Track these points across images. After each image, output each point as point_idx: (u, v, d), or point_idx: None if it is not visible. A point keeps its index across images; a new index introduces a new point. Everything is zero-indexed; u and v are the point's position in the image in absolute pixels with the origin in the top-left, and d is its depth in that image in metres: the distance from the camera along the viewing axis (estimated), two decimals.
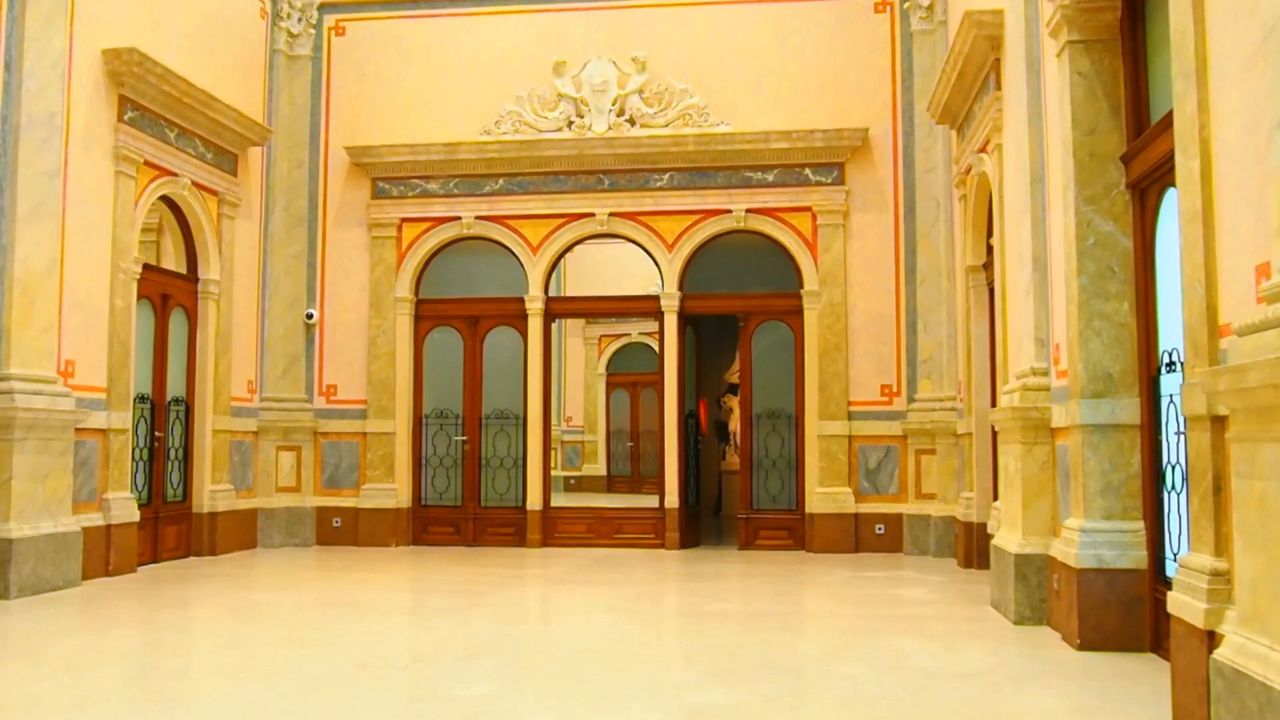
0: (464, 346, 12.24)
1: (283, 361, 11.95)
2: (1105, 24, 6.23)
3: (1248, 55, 3.93)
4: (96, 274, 9.20)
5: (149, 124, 9.85)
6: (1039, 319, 7.13)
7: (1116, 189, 6.19)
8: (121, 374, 9.42)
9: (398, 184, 12.08)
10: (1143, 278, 6.03)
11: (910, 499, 11.24)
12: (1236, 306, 4.05)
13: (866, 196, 11.54)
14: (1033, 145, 7.21)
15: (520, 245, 11.97)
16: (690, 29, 11.88)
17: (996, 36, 8.15)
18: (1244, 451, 3.62)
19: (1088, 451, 6.08)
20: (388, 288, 12.03)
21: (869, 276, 11.50)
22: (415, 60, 12.22)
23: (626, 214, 11.84)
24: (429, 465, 12.17)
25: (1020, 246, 7.45)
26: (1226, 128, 4.18)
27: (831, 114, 11.55)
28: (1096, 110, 6.26)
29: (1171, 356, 5.55)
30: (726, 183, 11.65)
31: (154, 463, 10.25)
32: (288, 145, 12.11)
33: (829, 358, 11.40)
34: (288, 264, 12.03)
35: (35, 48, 8.28)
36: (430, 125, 12.07)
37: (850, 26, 11.67)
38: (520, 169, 11.88)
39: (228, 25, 11.30)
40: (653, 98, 11.78)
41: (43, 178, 8.31)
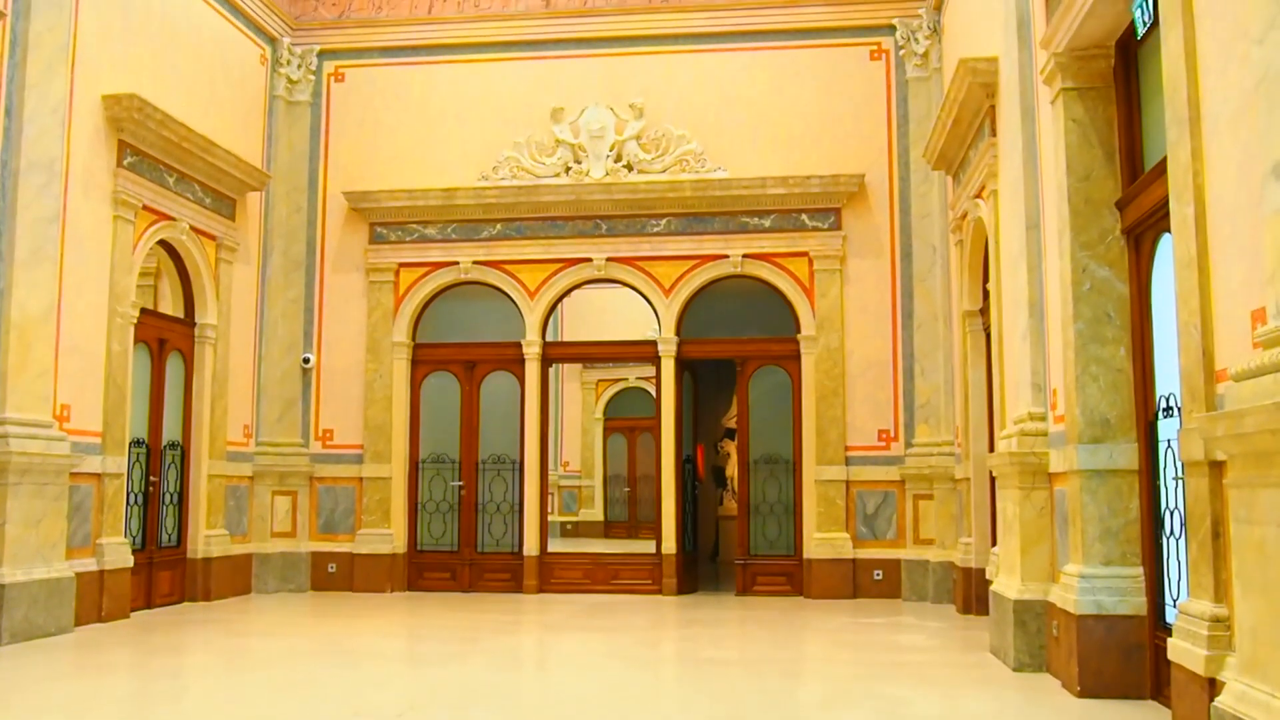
0: (461, 391, 12.23)
1: (279, 406, 11.93)
2: (1099, 72, 6.28)
3: (1240, 103, 3.96)
4: (93, 318, 9.20)
5: (148, 169, 9.89)
6: (1036, 364, 7.13)
7: (1112, 235, 6.21)
8: (117, 418, 9.40)
9: (395, 229, 12.12)
10: (1139, 323, 6.05)
11: (908, 544, 11.19)
12: (1233, 352, 4.06)
13: (863, 242, 11.58)
14: (1028, 191, 7.24)
15: (517, 290, 11.99)
16: (687, 76, 11.97)
17: (991, 84, 8.22)
18: (1242, 497, 3.61)
19: (1086, 497, 6.06)
20: (385, 332, 12.04)
21: (866, 321, 11.51)
22: (414, 106, 12.30)
23: (624, 259, 11.87)
24: (425, 510, 12.11)
25: (1016, 292, 7.46)
26: (1220, 174, 4.20)
27: (828, 160, 11.62)
28: (1091, 157, 6.30)
29: (1169, 401, 5.55)
30: (723, 228, 11.70)
31: (149, 507, 10.20)
32: (286, 190, 12.15)
33: (826, 403, 11.39)
34: (285, 308, 12.04)
35: (36, 93, 8.33)
36: (428, 171, 12.12)
37: (846, 74, 11.76)
38: (518, 214, 11.93)
39: (228, 71, 11.37)
40: (650, 144, 11.84)
41: (41, 222, 8.33)
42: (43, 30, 8.43)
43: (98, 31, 9.27)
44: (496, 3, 12.24)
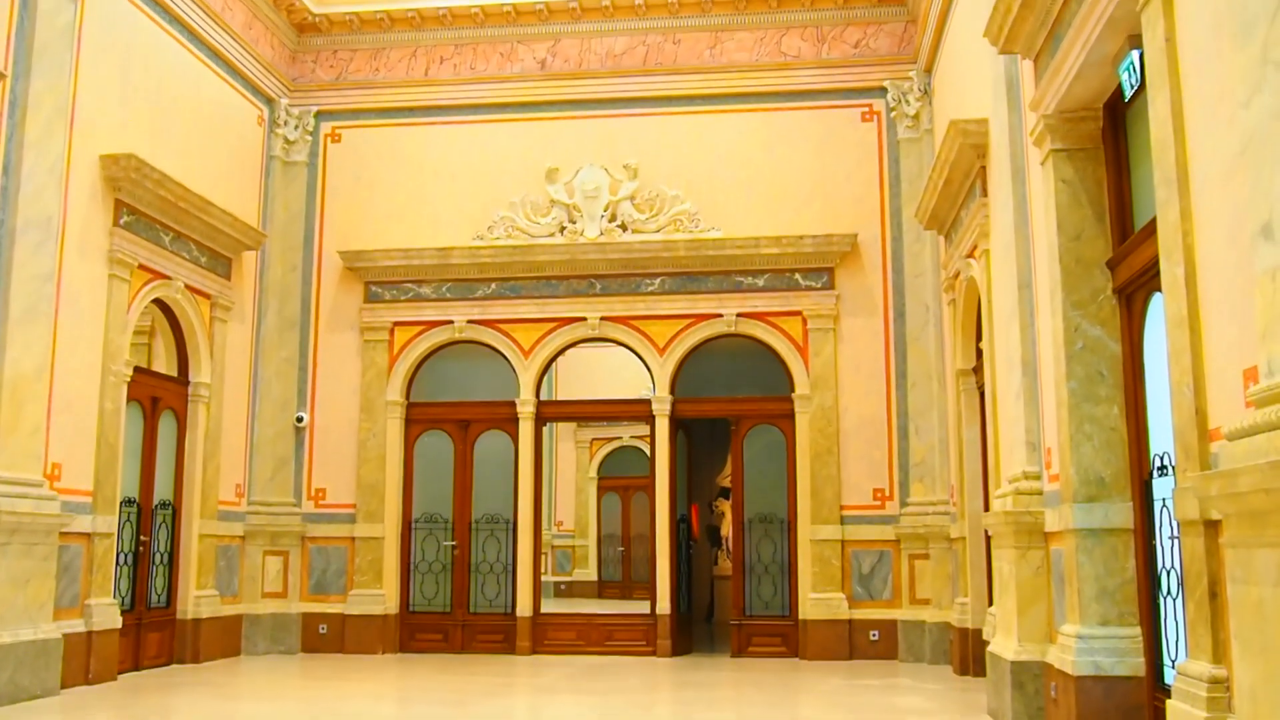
0: (454, 450, 12.19)
1: (272, 465, 11.88)
2: (1088, 133, 6.34)
3: (1227, 165, 3.99)
4: (87, 377, 9.18)
5: (144, 228, 9.93)
6: (1029, 423, 7.13)
7: (1103, 294, 6.24)
8: (109, 477, 9.35)
9: (390, 288, 12.15)
10: (1131, 381, 6.05)
11: (904, 604, 11.12)
12: (1226, 410, 4.06)
13: (856, 301, 11.63)
14: (1019, 251, 7.28)
15: (512, 349, 12.01)
16: (681, 137, 12.07)
17: (981, 145, 8.30)
18: (1239, 557, 3.59)
19: (1082, 556, 6.03)
20: (379, 391, 12.02)
21: (860, 380, 11.52)
22: (410, 166, 12.39)
23: (618, 318, 11.89)
24: (417, 570, 12.02)
25: (1009, 351, 7.48)
26: (1209, 234, 4.23)
27: (821, 220, 11.69)
28: (1081, 217, 6.34)
29: (1163, 460, 5.55)
30: (717, 287, 11.74)
31: (138, 567, 10.11)
32: (282, 249, 12.20)
33: (821, 461, 11.37)
34: (279, 367, 12.03)
35: (34, 152, 8.38)
36: (424, 230, 12.18)
37: (838, 135, 11.87)
38: (513, 273, 11.97)
39: (225, 132, 11.46)
40: (644, 204, 11.92)
41: (36, 280, 8.34)
42: (43, 90, 8.50)
43: (97, 92, 9.35)
44: (492, 65, 12.37)
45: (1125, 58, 5.52)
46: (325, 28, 12.44)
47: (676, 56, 12.12)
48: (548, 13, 12.14)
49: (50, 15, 8.59)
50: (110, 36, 9.55)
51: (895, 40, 11.86)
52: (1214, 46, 4.11)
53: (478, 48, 12.41)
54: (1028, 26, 6.43)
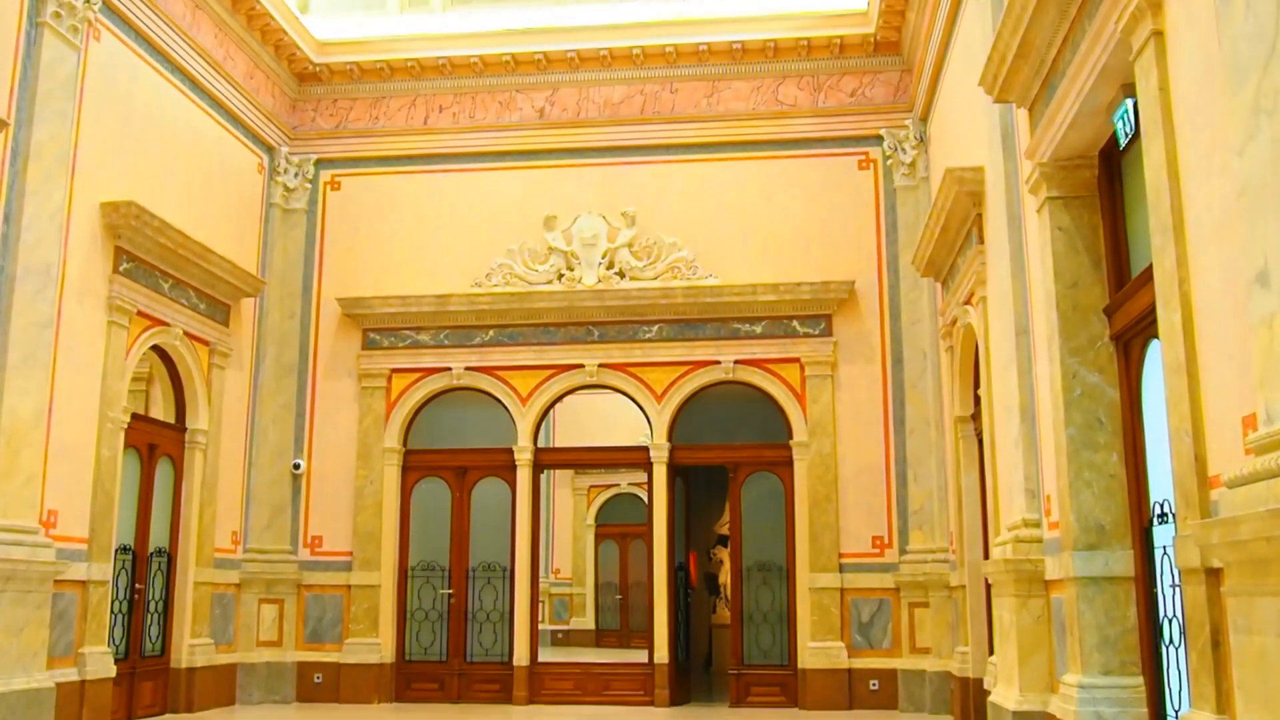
0: (452, 497, 12.15)
1: (268, 512, 11.83)
2: (1083, 181, 6.38)
3: (1222, 212, 4.01)
4: (84, 423, 9.17)
5: (143, 275, 9.95)
6: (1029, 470, 7.11)
7: (1101, 341, 6.25)
8: (104, 524, 9.30)
9: (388, 335, 12.16)
10: (1130, 428, 6.05)
11: (904, 653, 11.03)
12: (1225, 458, 4.05)
13: (854, 348, 11.64)
14: (1016, 298, 7.30)
15: (510, 396, 12.00)
16: (678, 185, 12.13)
17: (978, 192, 8.34)
18: (1241, 605, 3.57)
19: (1083, 605, 5.99)
20: (376, 438, 12.00)
21: (858, 427, 11.50)
22: (409, 214, 12.44)
23: (616, 365, 11.90)
24: (414, 619, 11.94)
25: (1007, 398, 7.48)
26: (1206, 281, 4.24)
27: (818, 267, 11.73)
28: (1078, 264, 6.36)
29: (1163, 508, 5.53)
30: (715, 334, 11.75)
31: (133, 615, 10.04)
32: (280, 296, 12.22)
33: (819, 509, 11.32)
34: (276, 414, 12.01)
35: (35, 200, 8.42)
36: (422, 277, 12.20)
37: (835, 182, 11.94)
38: (510, 320, 11.99)
39: (225, 179, 11.52)
40: (642, 251, 11.96)
41: (35, 328, 8.35)
42: (44, 139, 8.55)
43: (98, 140, 9.41)
44: (491, 113, 12.46)
45: (1120, 106, 5.56)
46: (326, 77, 12.54)
47: (674, 105, 12.21)
48: (546, 62, 12.25)
49: (53, 65, 8.67)
50: (112, 85, 9.62)
51: (891, 89, 11.96)
52: (1207, 95, 4.14)
53: (477, 96, 12.51)
54: (1022, 76, 6.49)
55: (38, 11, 8.60)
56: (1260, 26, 3.34)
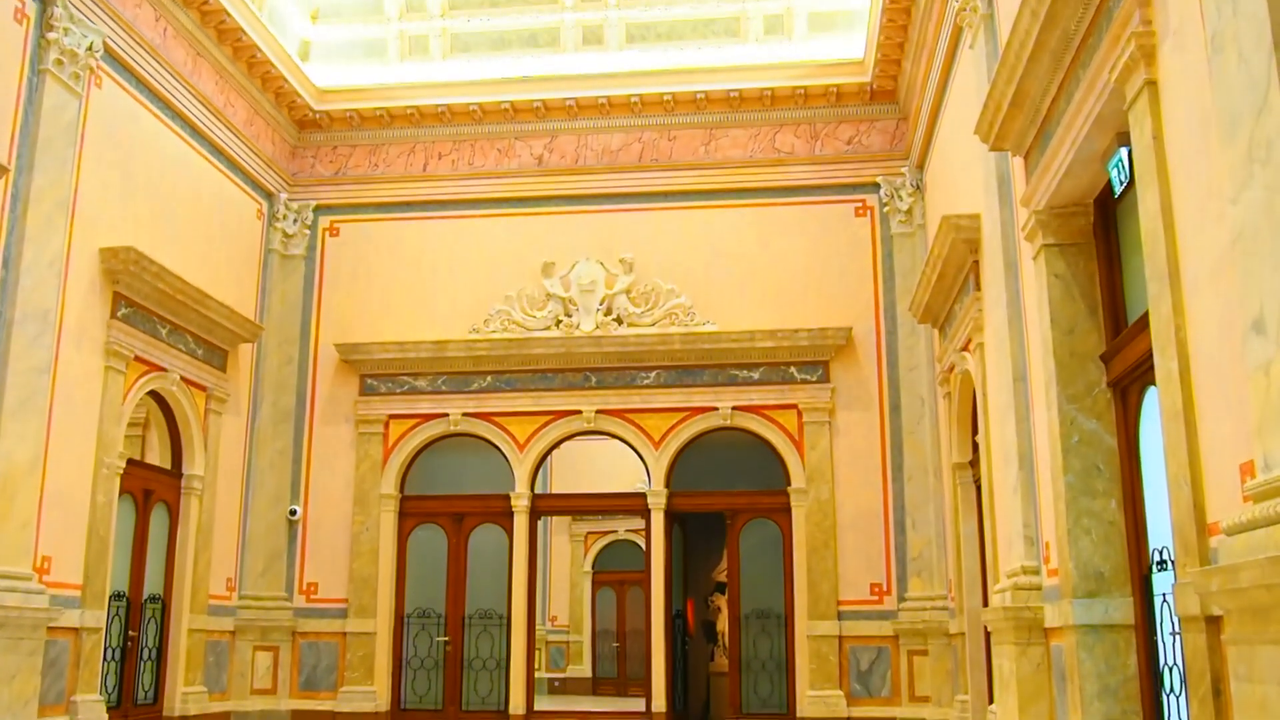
0: (448, 544, 12.09)
1: (263, 558, 11.76)
2: (1079, 228, 6.40)
3: (1217, 260, 4.03)
4: (80, 469, 9.13)
5: (141, 320, 9.95)
6: (1027, 517, 7.09)
7: (1098, 387, 6.25)
8: (98, 571, 9.24)
9: (386, 381, 12.15)
10: (1128, 475, 6.03)
11: (904, 702, 10.93)
12: (1224, 505, 4.04)
13: (852, 394, 11.63)
14: (1014, 344, 7.31)
15: (507, 442, 11.97)
16: (676, 232, 12.18)
17: (974, 240, 8.37)
18: (1241, 654, 3.55)
19: (1083, 653, 5.95)
20: (373, 484, 11.95)
21: (856, 474, 11.47)
22: (407, 260, 12.46)
23: (613, 411, 11.88)
24: (409, 666, 11.84)
25: (1005, 444, 7.47)
26: (1202, 329, 4.25)
27: (815, 313, 11.75)
28: (1074, 311, 6.38)
29: (1162, 555, 5.50)
30: (713, 381, 11.75)
31: (126, 663, 9.95)
32: (278, 342, 12.22)
33: (817, 556, 11.27)
34: (273, 459, 11.97)
35: (34, 246, 8.44)
36: (420, 323, 12.21)
37: (832, 230, 11.98)
38: (508, 367, 11.98)
39: (224, 225, 11.55)
40: (640, 298, 11.98)
41: (32, 373, 8.34)
42: (44, 185, 8.59)
43: (98, 186, 9.45)
44: (490, 160, 12.54)
45: (1114, 155, 5.60)
46: (326, 124, 12.63)
47: (672, 153, 12.28)
48: (545, 110, 12.34)
49: (54, 112, 8.73)
50: (113, 131, 9.67)
51: (887, 137, 12.05)
52: (1201, 143, 4.17)
53: (476, 144, 12.58)
54: (1017, 124, 6.53)
55: (40, 59, 8.67)
56: (1252, 77, 3.37)
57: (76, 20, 8.94)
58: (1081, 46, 5.46)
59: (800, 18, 12.15)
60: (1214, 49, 3.70)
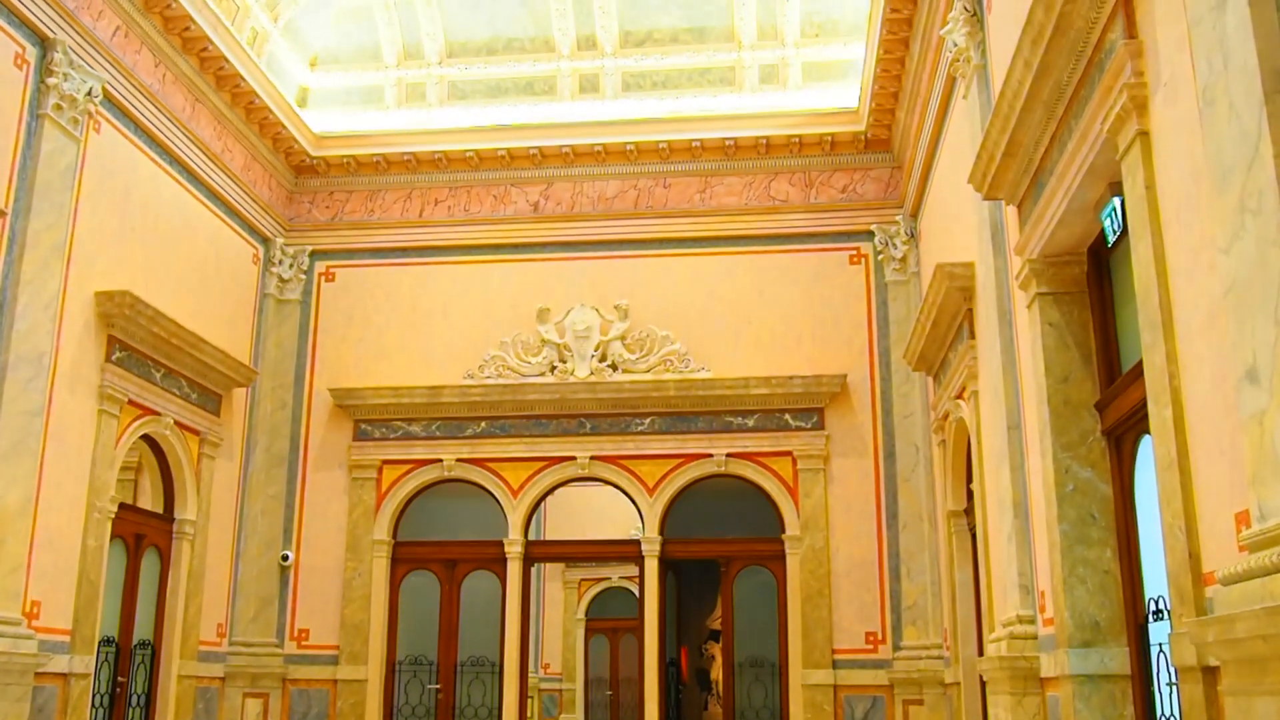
0: (441, 591, 12.01)
1: (255, 604, 11.67)
2: (1072, 277, 6.43)
3: (1211, 309, 4.05)
4: (71, 513, 9.09)
5: (136, 364, 9.94)
6: (1022, 565, 7.06)
7: (1092, 435, 6.25)
8: (88, 616, 9.17)
9: (380, 426, 12.12)
10: (1124, 524, 6.02)
11: None
12: (1219, 554, 4.03)
13: (846, 441, 11.62)
14: (1008, 393, 7.31)
15: (500, 488, 11.93)
16: (671, 279, 12.21)
17: (968, 288, 8.40)
18: (1238, 705, 3.52)
19: (1079, 703, 5.90)
20: (366, 530, 11.90)
21: (851, 521, 11.44)
22: (402, 306, 12.48)
23: (608, 457, 11.86)
24: (401, 715, 11.73)
25: (1000, 492, 7.46)
26: (1196, 378, 4.26)
27: (810, 361, 11.76)
28: (1068, 359, 6.39)
29: (1158, 604, 5.48)
30: (707, 427, 11.74)
31: (114, 709, 9.84)
32: (272, 386, 12.20)
33: (812, 604, 11.21)
34: (266, 504, 11.92)
35: (30, 290, 8.45)
36: (415, 369, 12.21)
37: (827, 277, 12.02)
38: (502, 412, 11.97)
39: (220, 270, 11.57)
40: (634, 344, 11.99)
41: (25, 416, 8.32)
42: (41, 229, 8.61)
43: (95, 230, 9.47)
44: (486, 207, 12.59)
45: (1107, 204, 5.64)
46: (323, 170, 12.69)
47: (667, 200, 12.35)
48: (541, 157, 12.41)
49: (52, 156, 8.77)
50: (111, 176, 9.71)
51: (882, 185, 12.12)
52: (1193, 194, 4.20)
53: (472, 190, 12.64)
54: (1010, 174, 6.58)
55: (39, 104, 8.72)
56: (1244, 129, 3.40)
57: (77, 66, 9.01)
58: (1074, 97, 5.51)
59: (795, 67, 12.26)
60: (1206, 101, 3.74)
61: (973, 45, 7.87)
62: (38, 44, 8.75)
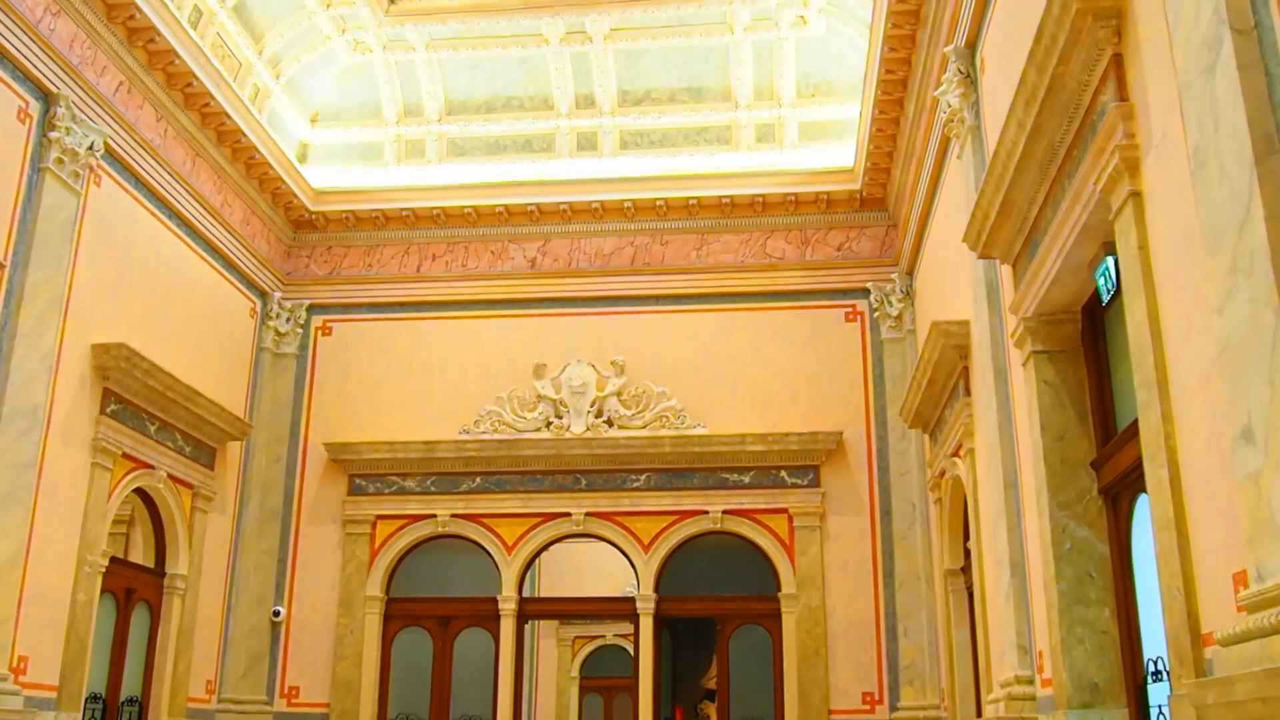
0: (433, 648, 11.90)
1: (245, 660, 11.55)
2: (1067, 335, 6.44)
3: (1205, 369, 4.05)
4: (61, 567, 9.01)
5: (130, 416, 9.92)
6: (1020, 625, 7.01)
7: (1089, 494, 6.22)
8: (76, 672, 9.06)
9: (374, 481, 12.07)
10: (1121, 583, 5.98)
11: None
12: (1218, 615, 4.00)
13: (843, 499, 11.58)
14: (1004, 451, 7.30)
15: (495, 544, 11.86)
16: (667, 335, 12.23)
17: (964, 346, 8.42)
18: None
19: None
20: (359, 585, 11.81)
21: (847, 580, 11.37)
22: (398, 361, 12.48)
23: (603, 514, 11.80)
24: None
25: (997, 551, 7.42)
26: (1191, 437, 4.25)
27: (806, 418, 11.75)
28: (1064, 417, 6.38)
29: (1157, 665, 5.43)
30: (703, 484, 11.70)
31: None
32: (267, 440, 12.17)
33: (808, 663, 11.11)
34: (258, 559, 11.84)
35: (26, 342, 8.44)
36: (410, 424, 12.18)
37: (823, 334, 12.05)
38: (498, 468, 11.93)
39: (217, 323, 11.58)
40: (630, 400, 11.98)
41: (18, 468, 8.28)
42: (39, 282, 8.63)
43: (93, 283, 9.48)
44: (483, 263, 12.63)
45: (1101, 263, 5.66)
46: (321, 224, 12.74)
47: (664, 257, 12.40)
48: (539, 214, 12.47)
49: (53, 209, 8.80)
50: (110, 229, 9.74)
51: (877, 243, 12.18)
52: (1186, 253, 4.22)
53: (470, 246, 12.69)
54: (1005, 233, 6.61)
55: (41, 157, 8.77)
56: (1235, 190, 3.43)
57: (79, 120, 9.07)
58: (1067, 158, 5.56)
59: (791, 127, 12.37)
60: (1197, 163, 3.77)
61: (966, 106, 7.94)
62: (41, 98, 8.82)
